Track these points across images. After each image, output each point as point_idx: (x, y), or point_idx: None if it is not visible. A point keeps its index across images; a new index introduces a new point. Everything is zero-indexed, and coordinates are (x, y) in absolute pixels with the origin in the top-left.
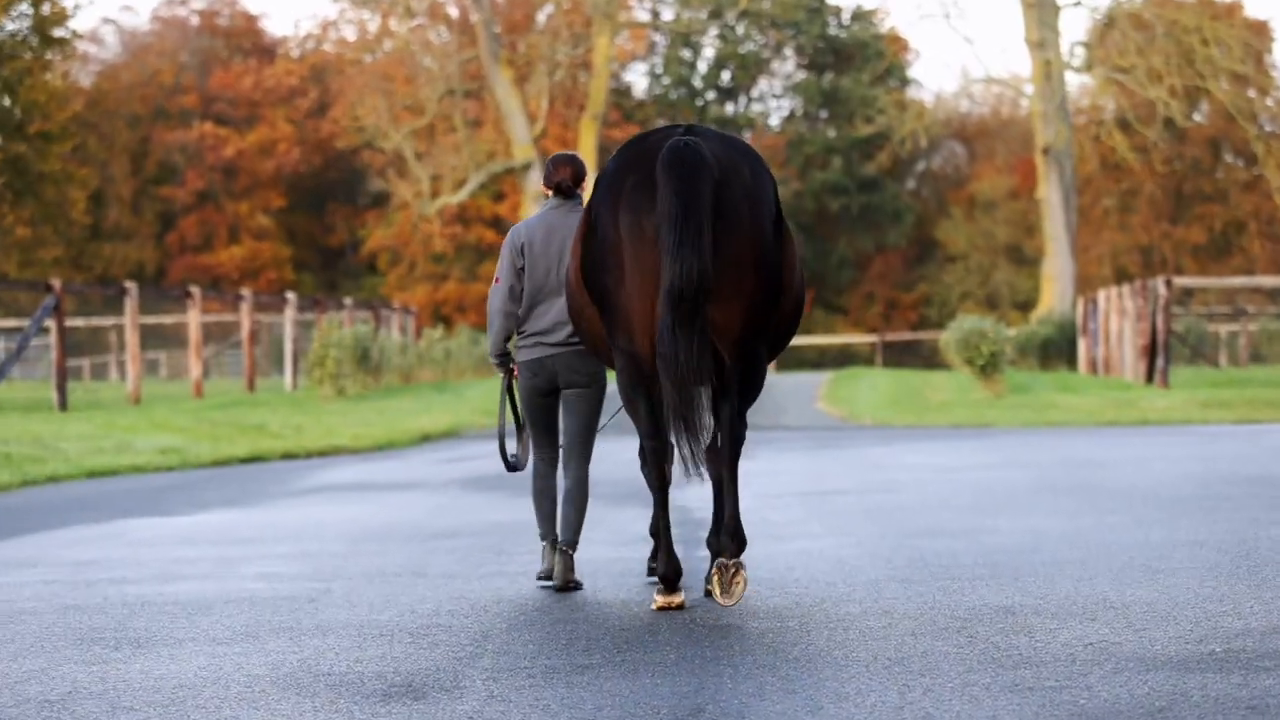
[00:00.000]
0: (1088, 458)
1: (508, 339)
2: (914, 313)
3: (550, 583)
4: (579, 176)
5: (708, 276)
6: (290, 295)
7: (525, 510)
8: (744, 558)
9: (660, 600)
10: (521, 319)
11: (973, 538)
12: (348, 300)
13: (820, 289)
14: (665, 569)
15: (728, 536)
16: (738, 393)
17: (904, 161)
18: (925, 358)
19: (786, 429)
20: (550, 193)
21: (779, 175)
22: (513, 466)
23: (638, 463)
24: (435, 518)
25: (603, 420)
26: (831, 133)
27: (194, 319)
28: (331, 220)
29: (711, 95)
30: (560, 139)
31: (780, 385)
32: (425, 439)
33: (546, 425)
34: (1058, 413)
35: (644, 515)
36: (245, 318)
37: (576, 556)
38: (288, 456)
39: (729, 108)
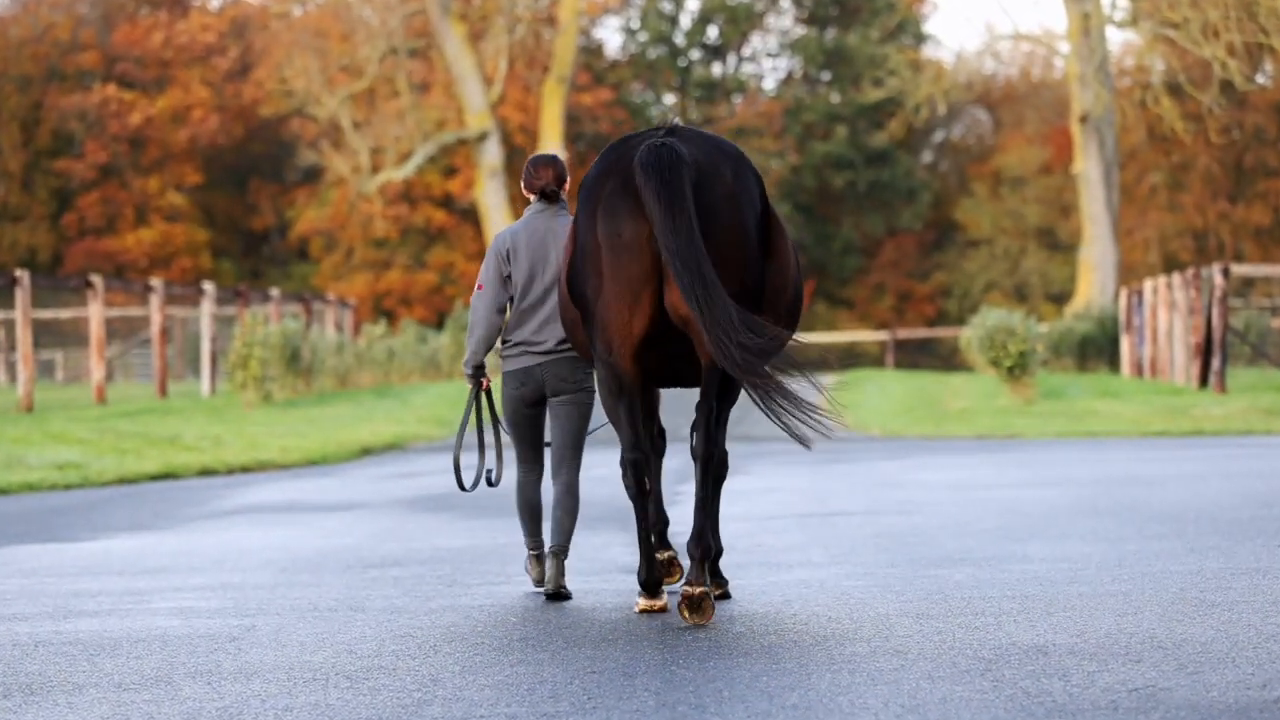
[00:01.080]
0: (1132, 474)
1: (489, 349)
2: (930, 306)
3: (541, 589)
4: (561, 178)
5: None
6: (208, 286)
7: (482, 534)
8: (732, 586)
9: (643, 604)
10: (506, 329)
11: (999, 567)
12: (274, 292)
13: (822, 279)
14: (647, 576)
15: (693, 542)
16: (716, 395)
17: (919, 131)
18: (943, 358)
19: (784, 440)
20: (533, 197)
21: (773, 148)
22: (469, 489)
23: (611, 480)
24: (377, 543)
25: (591, 426)
26: (835, 97)
27: (95, 313)
28: (255, 199)
29: (696, 55)
30: (521, 105)
31: None
32: (365, 452)
33: (532, 438)
34: (1097, 422)
35: (618, 540)
36: (155, 312)
37: (567, 564)
38: (205, 473)
39: (716, 69)
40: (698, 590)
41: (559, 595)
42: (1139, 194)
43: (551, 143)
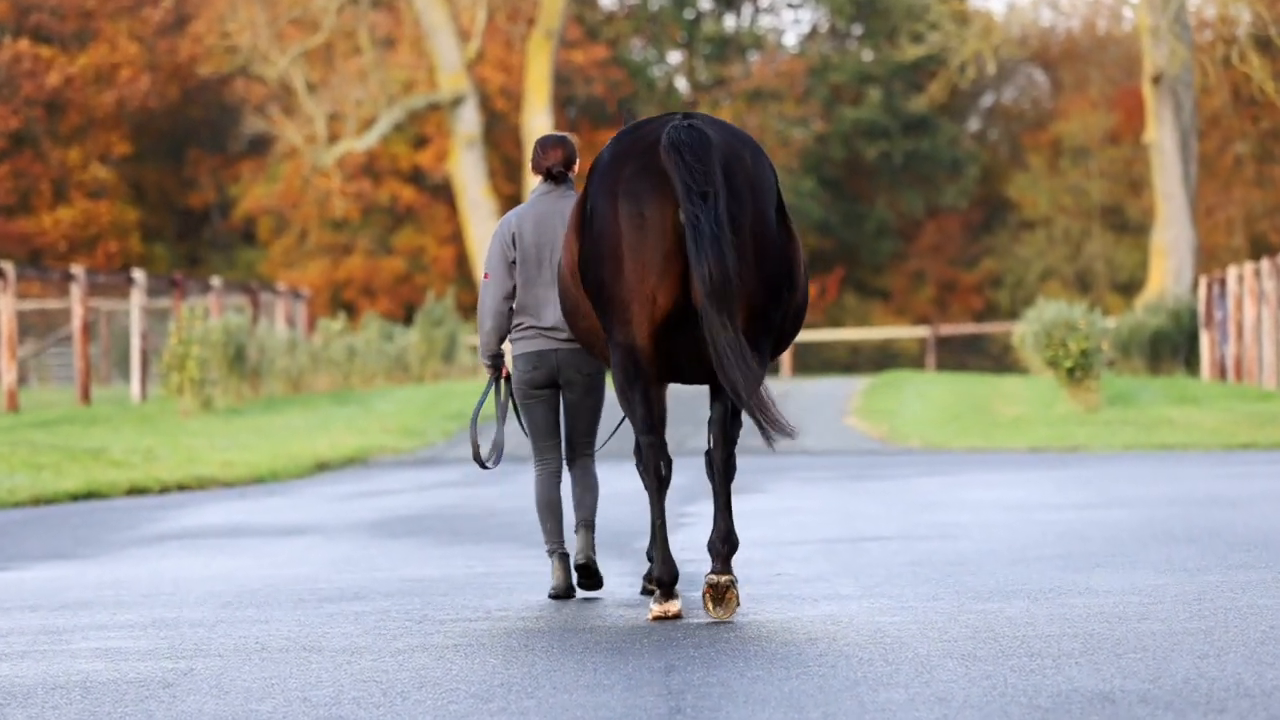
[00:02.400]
0: (1213, 493)
1: (502, 339)
2: (978, 297)
3: (562, 598)
4: (570, 160)
5: (732, 271)
6: (138, 274)
7: (458, 561)
8: (747, 622)
9: (656, 609)
10: (516, 312)
11: (1058, 600)
12: (216, 281)
13: (851, 266)
14: (661, 571)
15: (719, 541)
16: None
17: (965, 94)
18: (994, 358)
19: (808, 454)
20: (539, 178)
21: (795, 114)
22: (483, 464)
23: (607, 500)
24: (335, 573)
25: (602, 439)
26: (867, 55)
27: (6, 306)
28: (193, 173)
29: (706, 5)
30: (502, 64)
31: (800, 395)
32: (321, 468)
33: (546, 423)
34: (1172, 432)
35: (614, 569)
36: (77, 304)
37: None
38: (135, 492)
39: (729, 22)
40: (724, 579)
41: (589, 565)
42: (1221, 166)
43: (537, 107)
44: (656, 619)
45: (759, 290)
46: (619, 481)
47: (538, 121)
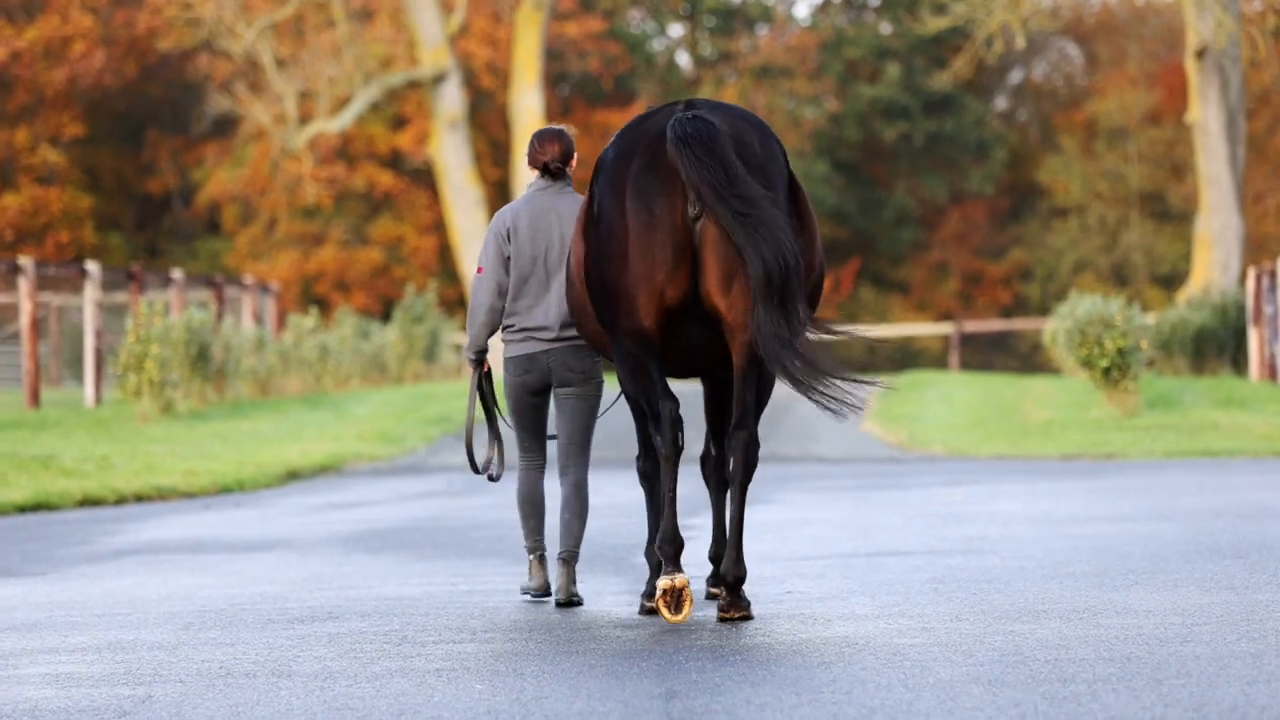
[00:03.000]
0: (1263, 504)
1: (491, 334)
2: (1006, 291)
3: (540, 597)
4: (568, 154)
5: (791, 250)
6: (92, 266)
7: (439, 579)
8: (757, 640)
9: (664, 583)
10: (508, 311)
11: (1093, 621)
12: (177, 274)
13: (868, 257)
14: (665, 542)
15: (729, 574)
16: (751, 400)
17: (992, 71)
18: (1023, 357)
19: (821, 461)
20: (536, 173)
21: (807, 92)
22: (483, 473)
23: (603, 511)
24: (306, 592)
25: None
26: (886, 28)
27: None
28: (152, 157)
29: None
30: (488, 38)
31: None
32: (292, 477)
33: (535, 427)
34: (1218, 438)
35: (611, 587)
36: (25, 299)
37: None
38: (89, 503)
39: None
40: (738, 615)
41: (570, 603)
42: (1272, 148)
43: (527, 85)
44: (665, 590)
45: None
46: (618, 492)
47: (527, 100)
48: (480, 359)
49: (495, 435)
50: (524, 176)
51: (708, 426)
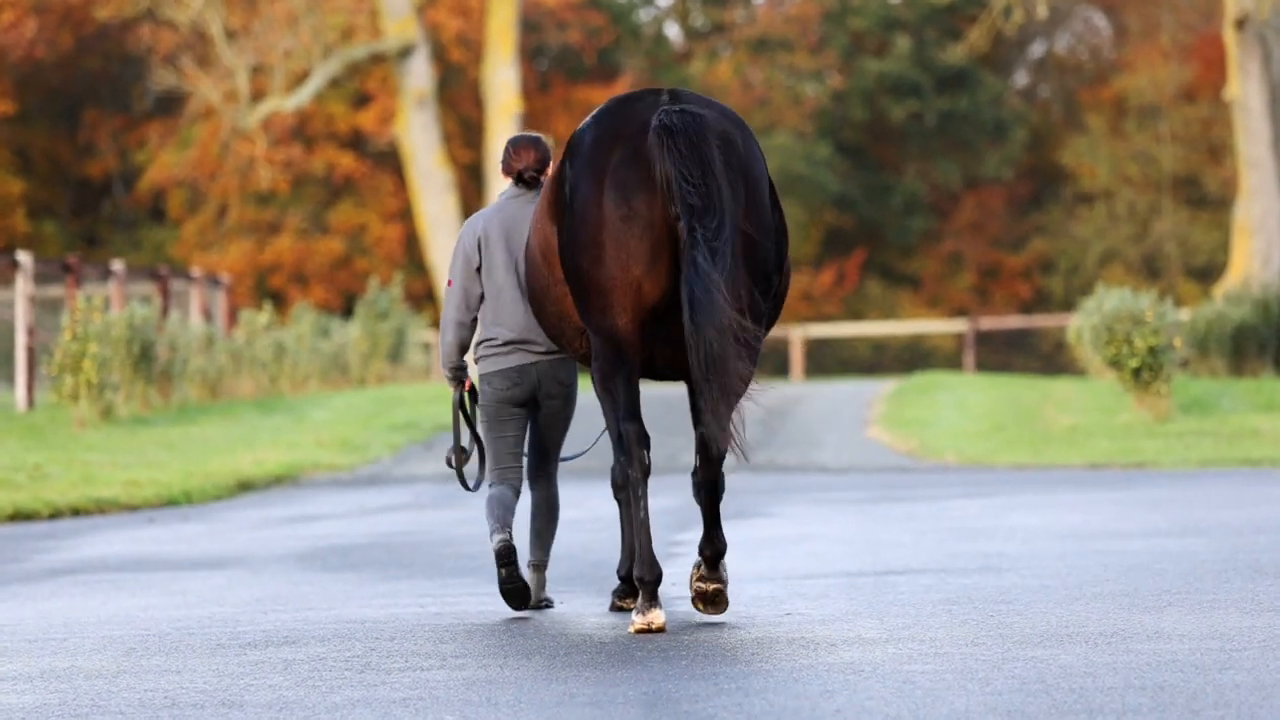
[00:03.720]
0: None
1: (464, 351)
2: (1025, 285)
3: (504, 550)
4: (544, 162)
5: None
6: (23, 258)
7: (406, 599)
8: (754, 670)
9: (639, 621)
10: (485, 324)
11: (1123, 646)
12: (117, 265)
13: (875, 248)
14: (643, 570)
15: (706, 542)
16: (723, 398)
17: (1010, 43)
18: (1044, 357)
19: (823, 471)
20: (509, 181)
21: (808, 67)
22: (475, 490)
23: (584, 524)
24: (260, 614)
25: (572, 451)
26: None
27: None
28: (90, 137)
29: None
30: (458, 7)
31: (812, 401)
32: (244, 488)
33: (514, 443)
34: (1259, 445)
35: (594, 608)
36: None
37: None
38: (20, 517)
39: None
40: (711, 587)
41: (540, 607)
42: None
43: (501, 59)
44: (640, 631)
45: (754, 279)
46: (600, 505)
47: (501, 76)
48: (459, 377)
49: (474, 445)
50: (497, 157)
51: (697, 435)
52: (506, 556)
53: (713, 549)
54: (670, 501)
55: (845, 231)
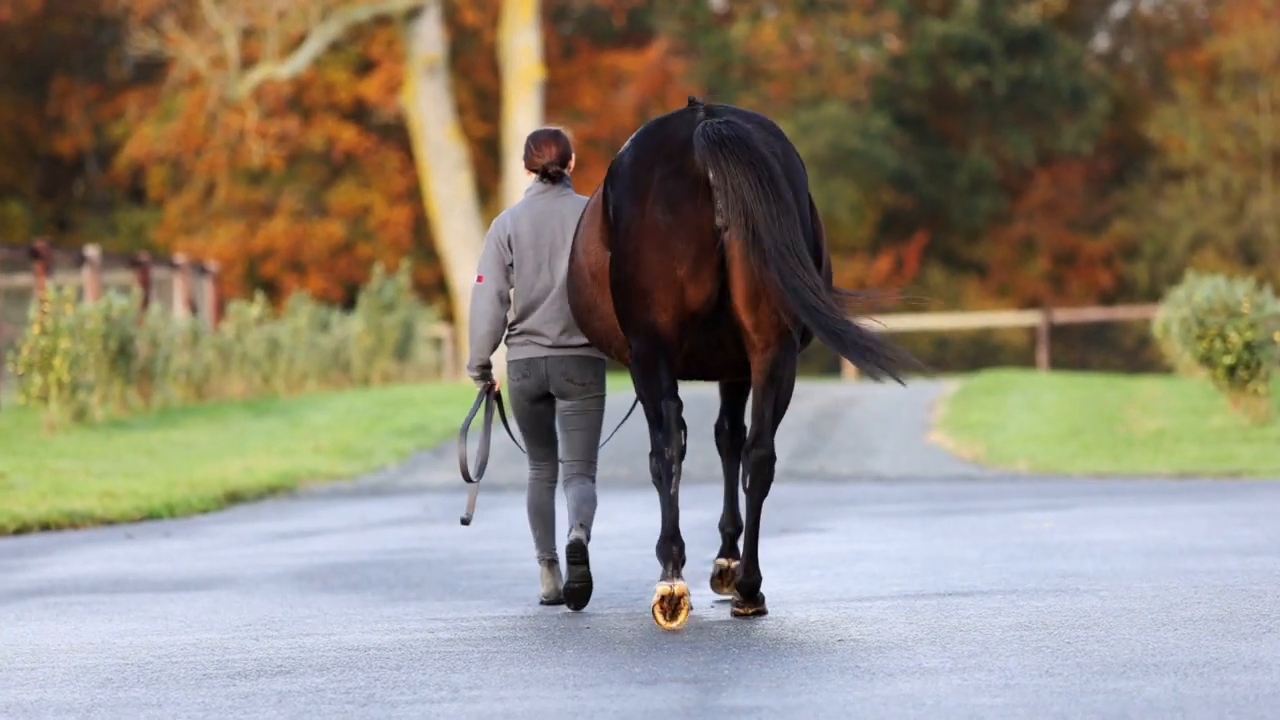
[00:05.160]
0: None
1: (493, 349)
2: (1106, 273)
3: (552, 604)
4: (565, 156)
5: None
6: None
7: (413, 623)
8: (804, 701)
9: (663, 587)
10: (513, 319)
11: (1216, 677)
12: (92, 251)
13: (937, 231)
14: (665, 541)
15: (741, 584)
16: (770, 415)
17: (1089, 3)
18: (1126, 353)
19: (879, 480)
20: (533, 176)
21: (863, 30)
22: (475, 480)
23: (606, 541)
24: (251, 640)
25: (605, 435)
26: None
27: None
28: (61, 109)
29: None
30: None
31: (867, 404)
32: (234, 499)
33: (540, 434)
34: None
35: (624, 632)
36: None
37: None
38: None
39: None
40: (752, 610)
41: (578, 546)
42: None
43: (521, 22)
44: (663, 596)
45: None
46: (630, 518)
47: (521, 40)
48: (484, 375)
49: (485, 441)
50: (515, 130)
51: (722, 404)
52: (551, 599)
53: (749, 582)
54: (704, 515)
55: (904, 213)
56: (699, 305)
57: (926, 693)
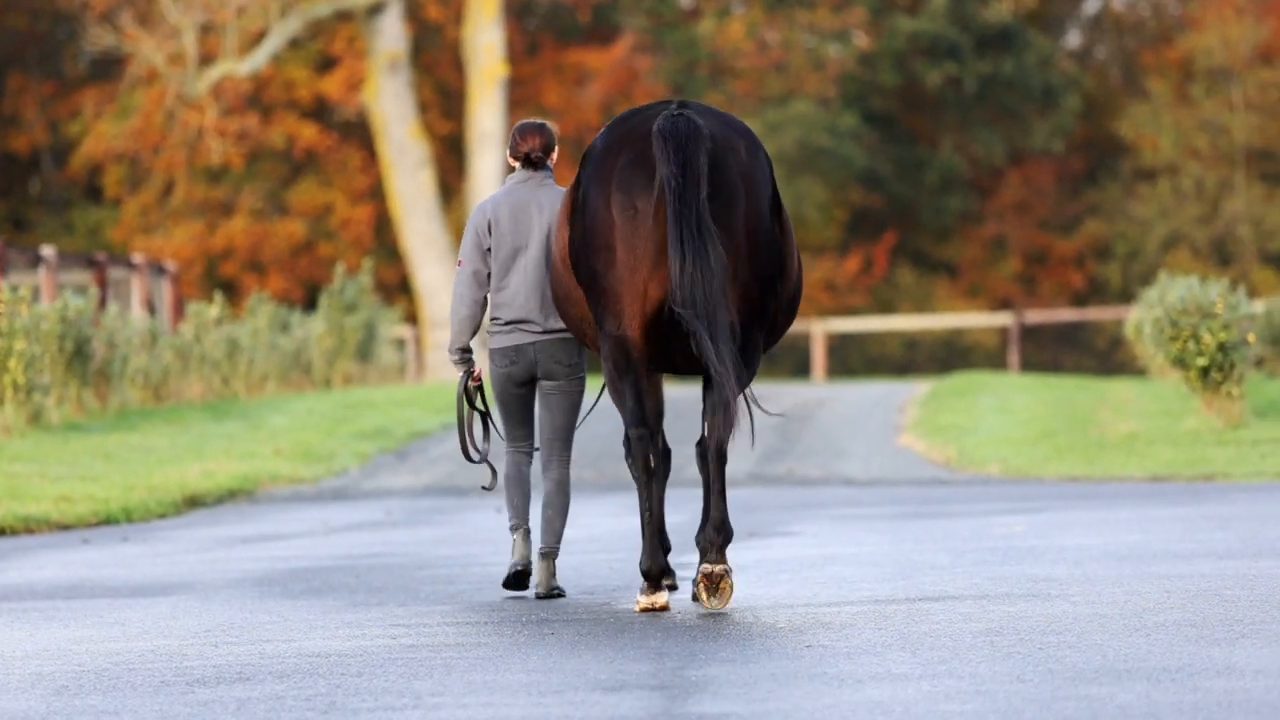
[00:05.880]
0: None
1: (474, 333)
2: (1078, 273)
3: (520, 570)
4: (549, 146)
5: (710, 272)
6: None
7: (375, 629)
8: (772, 708)
9: (643, 601)
10: (491, 303)
11: (1189, 683)
12: (47, 251)
13: (907, 231)
14: (648, 564)
15: (713, 530)
16: (728, 368)
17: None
18: (1099, 355)
19: (849, 483)
20: (517, 164)
21: (831, 26)
22: (478, 461)
23: (577, 547)
24: (210, 646)
25: (583, 414)
26: None
27: None
28: (15, 106)
29: None
30: None
31: (836, 406)
32: (193, 504)
33: (521, 418)
34: None
35: (588, 643)
36: None
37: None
38: None
39: None
40: (718, 568)
41: (550, 596)
42: None
43: (484, 19)
44: (644, 610)
45: (753, 284)
46: (596, 522)
47: (484, 37)
48: (465, 359)
49: (484, 441)
50: (479, 128)
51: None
52: (516, 582)
53: (721, 534)
54: (675, 519)
55: (873, 212)
56: (660, 299)
57: (896, 699)
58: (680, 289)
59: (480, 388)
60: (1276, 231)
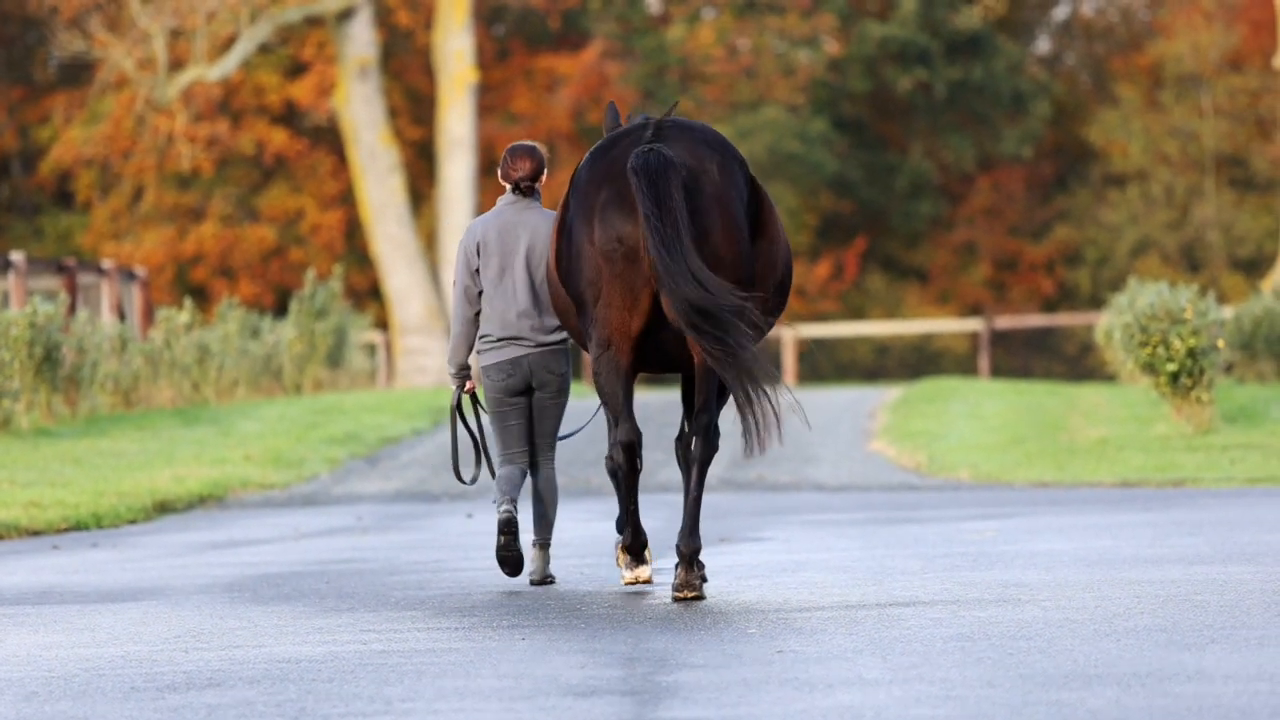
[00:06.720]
0: None
1: (470, 349)
2: (1048, 279)
3: (508, 515)
4: (538, 172)
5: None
6: None
7: (346, 634)
8: (742, 714)
9: (628, 575)
10: (483, 321)
11: (1159, 688)
12: (16, 256)
13: (877, 237)
14: (631, 540)
15: (686, 534)
16: (713, 392)
17: (1031, 6)
18: (1069, 360)
19: (820, 489)
20: (507, 187)
21: (800, 32)
22: (468, 483)
23: (561, 550)
24: (181, 652)
25: (570, 429)
26: None
27: None
28: None
29: None
30: None
31: (809, 410)
32: (163, 509)
33: (519, 431)
34: None
35: (562, 646)
36: None
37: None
38: None
39: None
40: (690, 595)
41: (544, 582)
42: None
43: (455, 24)
44: (629, 582)
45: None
46: (569, 526)
47: (454, 43)
48: (463, 375)
49: (481, 455)
50: (449, 139)
51: (684, 409)
52: (507, 527)
53: (690, 546)
54: (651, 523)
55: (843, 218)
56: (643, 326)
57: (867, 704)
58: (683, 316)
59: (474, 398)
60: (1246, 237)
